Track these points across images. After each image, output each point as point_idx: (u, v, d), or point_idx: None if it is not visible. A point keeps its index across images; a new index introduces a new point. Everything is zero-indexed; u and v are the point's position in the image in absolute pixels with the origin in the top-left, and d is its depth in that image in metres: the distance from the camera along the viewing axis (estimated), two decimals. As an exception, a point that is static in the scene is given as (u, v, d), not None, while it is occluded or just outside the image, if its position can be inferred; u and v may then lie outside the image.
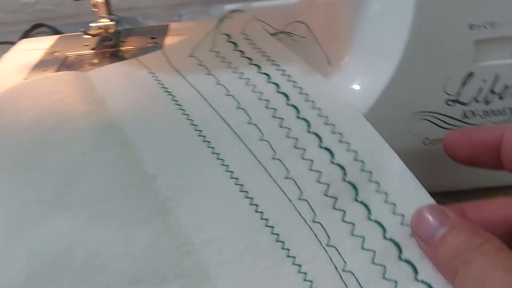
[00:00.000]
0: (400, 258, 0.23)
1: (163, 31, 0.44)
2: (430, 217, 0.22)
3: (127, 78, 0.35)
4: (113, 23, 0.42)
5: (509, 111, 0.31)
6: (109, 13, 0.43)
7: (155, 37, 0.43)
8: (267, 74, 0.33)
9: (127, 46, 0.42)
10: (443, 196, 0.34)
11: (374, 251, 0.24)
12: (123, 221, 0.26)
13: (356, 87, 0.32)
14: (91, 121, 0.31)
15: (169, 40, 0.42)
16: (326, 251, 0.25)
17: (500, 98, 0.31)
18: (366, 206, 0.26)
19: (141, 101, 0.32)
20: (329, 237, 0.25)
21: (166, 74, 0.35)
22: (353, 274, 0.23)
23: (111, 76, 0.35)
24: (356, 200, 0.26)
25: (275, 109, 0.31)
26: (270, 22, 0.37)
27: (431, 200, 0.24)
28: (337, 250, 0.24)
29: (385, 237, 0.24)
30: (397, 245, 0.24)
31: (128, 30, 0.44)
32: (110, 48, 0.41)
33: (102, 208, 0.26)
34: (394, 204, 0.25)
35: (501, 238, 0.20)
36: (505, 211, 0.23)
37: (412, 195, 0.25)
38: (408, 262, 0.23)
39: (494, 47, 0.29)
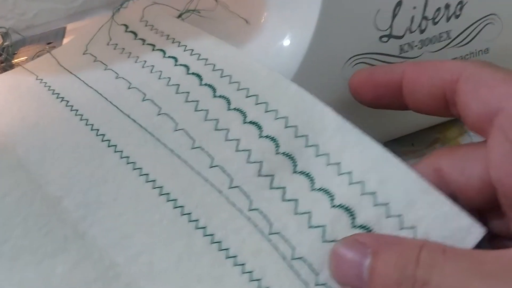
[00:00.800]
0: (353, 225, 0.20)
1: (60, 34, 0.39)
2: (348, 253, 0.18)
3: (12, 91, 0.30)
4: (-1, 36, 0.37)
5: (445, 36, 0.29)
6: (-7, 26, 0.37)
7: (51, 42, 0.38)
8: (174, 57, 0.29)
9: (20, 57, 0.36)
10: (398, 142, 0.31)
11: (324, 226, 0.21)
12: (31, 259, 0.22)
13: (281, 43, 0.28)
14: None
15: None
16: (270, 241, 0.21)
17: (434, 23, 0.28)
18: (307, 175, 0.22)
19: (31, 114, 0.28)
20: (270, 224, 0.22)
21: (56, 77, 0.30)
22: (303, 260, 0.20)
23: None
24: (295, 172, 0.23)
25: (188, 92, 0.27)
26: (171, 4, 0.34)
27: (377, 147, 0.21)
28: (282, 237, 0.21)
29: (333, 205, 0.21)
30: (348, 210, 0.21)
31: (20, 41, 0.39)
32: (0, 64, 0.36)
33: (3, 250, 0.22)
34: (338, 164, 0.22)
35: (479, 196, 0.18)
36: (483, 162, 0.20)
37: (356, 146, 0.22)
38: (364, 227, 0.20)
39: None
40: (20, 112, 0.28)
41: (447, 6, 0.27)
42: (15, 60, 0.36)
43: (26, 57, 0.36)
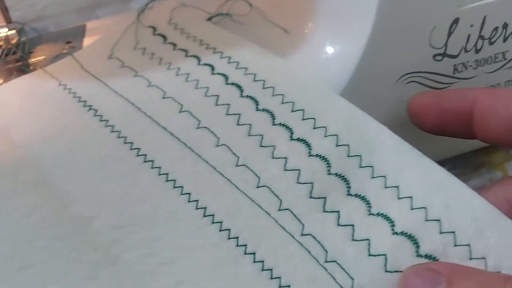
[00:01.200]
0: (418, 254, 0.19)
1: (80, 33, 0.37)
2: (419, 281, 0.18)
3: (32, 97, 0.28)
4: (14, 31, 0.35)
5: (501, 56, 0.27)
6: (9, 21, 0.35)
7: (70, 41, 0.36)
8: (210, 65, 0.27)
9: (37, 57, 0.34)
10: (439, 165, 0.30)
11: (385, 254, 0.19)
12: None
13: (328, 56, 0.27)
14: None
15: (89, 42, 0.35)
16: (325, 269, 0.20)
17: (490, 43, 0.26)
18: (363, 198, 0.21)
19: (55, 123, 0.26)
20: (326, 251, 0.20)
21: (81, 83, 0.28)
22: None
23: (11, 98, 0.28)
24: (349, 194, 0.21)
25: (228, 104, 0.25)
26: (201, 6, 0.32)
27: (439, 169, 0.20)
28: (339, 265, 0.20)
29: (394, 232, 0.20)
30: (411, 238, 0.19)
31: (37, 38, 0.37)
32: (16, 63, 0.34)
33: (26, 276, 0.20)
34: (397, 187, 0.21)
35: None
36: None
37: (416, 168, 0.21)
38: (429, 257, 0.19)
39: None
40: (42, 121, 0.26)
41: (505, 26, 0.26)
42: (32, 60, 0.34)
43: (44, 57, 0.34)
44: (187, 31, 0.31)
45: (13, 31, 0.35)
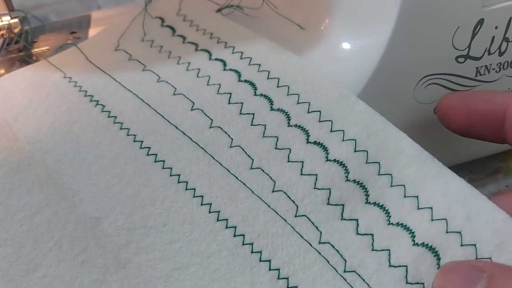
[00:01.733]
0: (439, 266, 0.19)
1: (85, 22, 0.36)
2: (458, 277, 0.17)
3: (35, 90, 0.26)
4: (17, 20, 0.33)
5: None
6: (11, 9, 0.34)
7: (75, 31, 0.35)
8: (222, 60, 0.26)
9: (41, 47, 0.33)
10: (455, 169, 0.29)
11: (406, 266, 0.19)
12: None
13: (345, 55, 0.25)
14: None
15: (94, 33, 0.34)
16: (345, 279, 0.19)
17: None
18: (382, 207, 0.21)
19: (61, 119, 0.24)
20: (345, 260, 0.20)
21: (87, 76, 0.27)
22: None
23: (13, 90, 0.26)
24: (368, 202, 0.21)
25: (241, 102, 0.24)
26: None
27: (460, 181, 0.20)
28: (359, 276, 0.19)
29: (415, 243, 0.19)
30: (432, 249, 0.19)
31: (40, 27, 0.36)
32: (19, 53, 0.33)
33: (32, 281, 0.19)
34: (417, 197, 0.20)
35: None
36: None
37: (436, 178, 0.20)
38: None
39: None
40: (47, 116, 0.25)
41: (530, 28, 0.25)
42: (36, 50, 0.33)
43: (48, 47, 0.33)
44: (197, 23, 0.30)
45: (16, 20, 0.34)
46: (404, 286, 0.19)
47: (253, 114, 0.23)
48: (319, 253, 0.20)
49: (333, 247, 0.20)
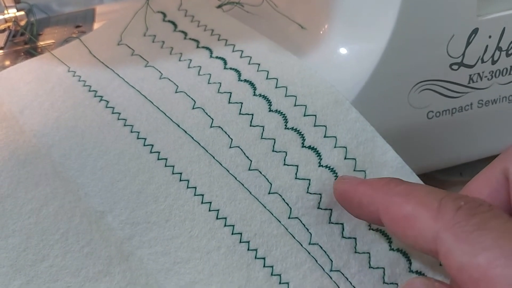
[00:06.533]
0: (410, 270, 0.21)
1: (89, 16, 0.36)
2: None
3: (41, 83, 0.27)
4: (23, 12, 0.34)
5: None
6: (17, 1, 0.34)
7: (80, 25, 0.35)
8: (222, 59, 0.27)
9: (46, 40, 0.34)
10: (446, 172, 0.30)
11: (383, 268, 0.21)
12: (71, 282, 0.20)
13: (344, 59, 0.26)
14: (2, 150, 0.24)
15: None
16: (331, 278, 0.21)
17: (508, 55, 0.26)
18: None
19: (67, 114, 0.25)
20: (331, 260, 0.21)
21: (91, 71, 0.27)
22: None
23: (18, 82, 0.27)
24: None
25: (241, 102, 0.25)
26: None
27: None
28: (343, 275, 0.21)
29: (391, 249, 0.22)
30: (405, 255, 0.22)
31: (45, 20, 0.36)
32: (24, 45, 0.33)
33: (39, 270, 0.21)
34: None
35: None
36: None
37: None
38: (419, 273, 0.21)
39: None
40: (53, 110, 0.25)
41: (523, 38, 0.26)
42: (41, 43, 0.33)
43: (53, 41, 0.33)
44: (198, 19, 0.30)
45: (22, 12, 0.34)
46: (381, 286, 0.21)
47: (252, 114, 0.24)
48: (309, 253, 0.21)
49: (321, 248, 0.21)
